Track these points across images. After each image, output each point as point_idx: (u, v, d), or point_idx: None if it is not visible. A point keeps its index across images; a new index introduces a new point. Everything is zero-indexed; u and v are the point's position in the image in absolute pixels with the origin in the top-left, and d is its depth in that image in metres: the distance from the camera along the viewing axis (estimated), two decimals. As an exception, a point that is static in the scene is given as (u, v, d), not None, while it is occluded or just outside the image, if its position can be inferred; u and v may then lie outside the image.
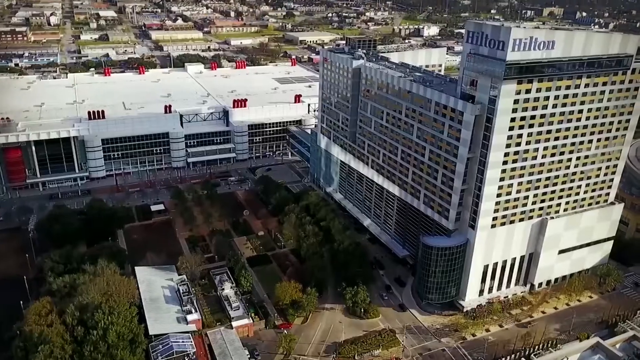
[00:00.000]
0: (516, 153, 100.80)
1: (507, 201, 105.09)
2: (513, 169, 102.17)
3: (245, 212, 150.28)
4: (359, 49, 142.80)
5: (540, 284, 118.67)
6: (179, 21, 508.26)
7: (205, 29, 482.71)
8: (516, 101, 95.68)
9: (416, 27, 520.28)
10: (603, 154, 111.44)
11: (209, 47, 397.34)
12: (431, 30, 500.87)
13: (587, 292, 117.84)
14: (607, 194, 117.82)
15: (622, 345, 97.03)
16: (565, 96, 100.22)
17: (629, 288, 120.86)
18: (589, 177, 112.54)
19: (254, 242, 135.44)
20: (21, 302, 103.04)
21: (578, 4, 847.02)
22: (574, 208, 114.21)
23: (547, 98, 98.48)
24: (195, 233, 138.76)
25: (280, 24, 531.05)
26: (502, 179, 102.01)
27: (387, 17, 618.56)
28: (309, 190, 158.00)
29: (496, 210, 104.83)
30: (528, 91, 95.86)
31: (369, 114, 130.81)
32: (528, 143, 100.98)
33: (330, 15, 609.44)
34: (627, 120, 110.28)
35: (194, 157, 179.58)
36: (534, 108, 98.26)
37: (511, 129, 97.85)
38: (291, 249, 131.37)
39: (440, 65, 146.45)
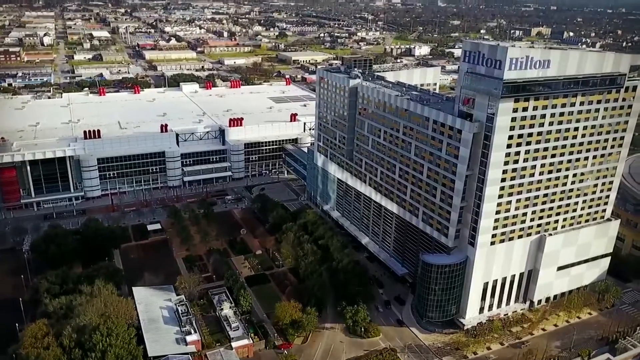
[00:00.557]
0: (514, 170, 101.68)
1: (506, 218, 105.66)
2: (511, 186, 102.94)
3: (242, 231, 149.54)
4: (355, 69, 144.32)
5: (539, 301, 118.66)
6: (173, 41, 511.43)
7: (199, 49, 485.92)
8: (513, 119, 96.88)
9: (407, 46, 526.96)
10: (599, 170, 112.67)
11: (202, 66, 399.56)
12: (422, 50, 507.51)
13: (587, 309, 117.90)
14: (604, 211, 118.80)
15: None
16: (561, 114, 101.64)
17: (627, 304, 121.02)
18: (585, 194, 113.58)
19: (251, 261, 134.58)
20: (17, 324, 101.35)
21: (565, 24, 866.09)
22: (571, 225, 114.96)
23: (543, 116, 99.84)
24: (192, 252, 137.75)
25: (273, 44, 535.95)
26: (500, 196, 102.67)
27: (378, 37, 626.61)
28: (306, 208, 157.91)
29: (495, 227, 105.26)
30: (525, 109, 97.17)
31: (366, 132, 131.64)
32: (526, 160, 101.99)
33: (322, 35, 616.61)
34: (622, 138, 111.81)
35: (190, 176, 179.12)
36: (531, 126, 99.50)
37: (509, 146, 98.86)
38: (289, 267, 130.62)
39: (435, 84, 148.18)
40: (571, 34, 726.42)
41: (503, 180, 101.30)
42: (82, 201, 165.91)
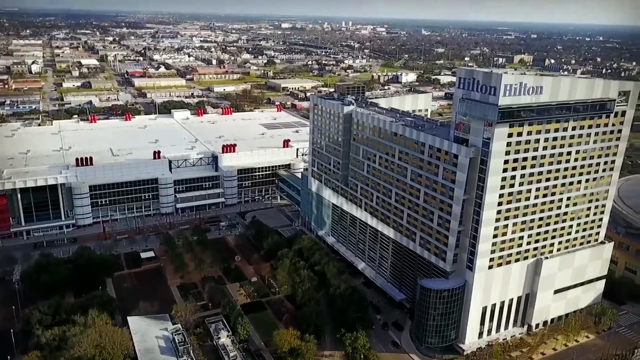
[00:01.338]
0: (510, 194, 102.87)
1: (503, 242, 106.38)
2: (508, 210, 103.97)
3: (237, 258, 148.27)
4: (349, 96, 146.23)
5: (537, 325, 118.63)
6: (162, 69, 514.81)
7: (188, 77, 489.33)
8: (509, 144, 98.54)
9: (394, 74, 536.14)
10: (592, 194, 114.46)
11: (192, 93, 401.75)
12: (409, 77, 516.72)
13: (584, 332, 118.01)
14: (597, 233, 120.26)
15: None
16: (554, 139, 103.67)
17: (624, 327, 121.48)
18: (579, 217, 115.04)
19: (247, 289, 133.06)
20: (8, 357, 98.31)
21: (546, 51, 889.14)
22: (566, 248, 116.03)
23: (537, 140, 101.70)
24: (186, 280, 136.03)
25: (262, 71, 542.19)
26: (497, 220, 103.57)
27: (365, 64, 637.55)
28: (300, 234, 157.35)
29: (493, 251, 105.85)
30: (520, 134, 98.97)
31: (361, 157, 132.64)
32: (521, 184, 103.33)
33: (310, 63, 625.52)
34: (612, 161, 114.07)
35: (183, 203, 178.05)
36: (526, 150, 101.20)
37: (505, 170, 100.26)
38: (286, 294, 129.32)
39: (427, 110, 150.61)
40: (552, 61, 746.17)
41: (500, 204, 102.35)
42: (73, 229, 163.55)
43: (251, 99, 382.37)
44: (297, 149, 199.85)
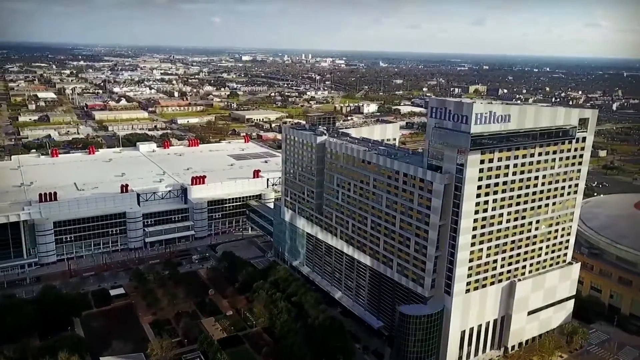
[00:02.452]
0: (484, 219, 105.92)
1: (479, 265, 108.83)
2: (482, 234, 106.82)
3: (210, 292, 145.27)
4: (320, 126, 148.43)
5: (513, 347, 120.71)
6: (123, 101, 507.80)
7: (150, 109, 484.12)
8: (481, 170, 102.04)
9: (356, 104, 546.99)
10: (558, 216, 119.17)
11: (155, 126, 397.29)
12: (370, 108, 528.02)
13: (558, 352, 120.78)
14: (565, 255, 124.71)
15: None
16: (523, 164, 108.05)
17: (594, 345, 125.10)
18: (548, 239, 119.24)
19: (223, 323, 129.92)
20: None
21: (498, 82, 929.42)
22: (537, 269, 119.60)
23: (507, 166, 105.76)
24: (159, 317, 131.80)
25: (225, 103, 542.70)
26: (473, 244, 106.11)
27: (327, 96, 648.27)
28: (274, 265, 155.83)
29: (469, 275, 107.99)
30: (491, 160, 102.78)
31: (335, 186, 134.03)
32: (494, 209, 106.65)
33: (273, 94, 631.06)
34: (576, 185, 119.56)
35: (152, 237, 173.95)
36: (497, 176, 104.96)
37: (478, 195, 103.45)
38: (263, 327, 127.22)
39: (395, 139, 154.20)
40: (505, 90, 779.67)
41: (474, 228, 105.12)
42: (36, 268, 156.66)
43: (216, 130, 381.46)
44: (268, 179, 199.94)
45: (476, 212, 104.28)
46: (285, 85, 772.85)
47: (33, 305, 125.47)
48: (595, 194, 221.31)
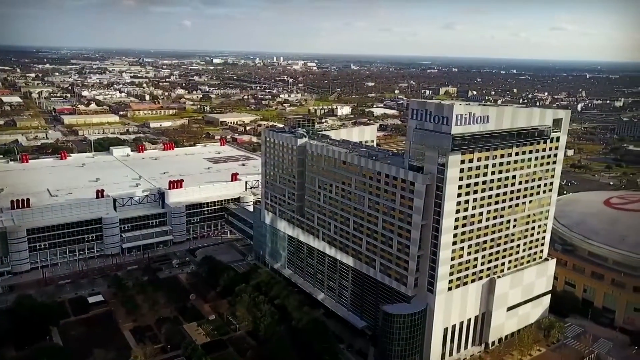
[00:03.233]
0: (465, 218, 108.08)
1: (460, 264, 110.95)
2: (463, 233, 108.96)
3: (191, 297, 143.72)
4: (300, 128, 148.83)
5: (493, 342, 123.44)
6: (93, 105, 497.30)
7: (121, 113, 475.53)
8: (462, 170, 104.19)
9: (329, 107, 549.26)
10: (535, 214, 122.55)
11: (127, 130, 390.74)
12: (344, 110, 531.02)
13: (536, 346, 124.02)
14: (541, 251, 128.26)
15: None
16: (501, 164, 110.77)
17: (570, 338, 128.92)
18: (525, 236, 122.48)
19: (205, 328, 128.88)
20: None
21: (468, 84, 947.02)
22: (516, 266, 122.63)
23: (486, 166, 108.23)
24: (140, 323, 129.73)
25: (198, 106, 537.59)
26: (454, 243, 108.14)
27: (300, 98, 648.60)
28: (255, 268, 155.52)
29: (451, 274, 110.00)
30: (471, 160, 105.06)
31: (317, 188, 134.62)
32: (474, 208, 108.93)
33: (246, 97, 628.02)
34: (551, 183, 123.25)
35: (130, 242, 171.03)
36: (477, 175, 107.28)
37: (459, 195, 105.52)
38: (247, 331, 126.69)
39: (373, 141, 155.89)
40: (474, 92, 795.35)
41: (456, 227, 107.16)
42: (9, 277, 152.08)
43: (190, 133, 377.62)
44: (246, 182, 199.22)
45: (457, 211, 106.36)
46: (258, 88, 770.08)
47: (7, 315, 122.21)
48: (565, 192, 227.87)
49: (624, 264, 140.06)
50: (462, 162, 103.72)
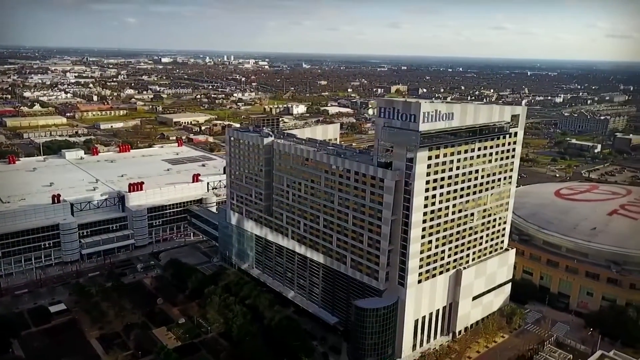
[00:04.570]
0: (432, 212, 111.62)
1: (429, 257, 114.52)
2: (431, 227, 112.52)
3: (159, 301, 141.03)
4: (264, 127, 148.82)
5: (460, 332, 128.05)
6: (37, 107, 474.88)
7: (69, 114, 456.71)
8: (429, 166, 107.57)
9: (284, 106, 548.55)
10: (496, 206, 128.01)
11: (76, 132, 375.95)
12: (299, 109, 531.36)
13: (500, 333, 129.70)
14: (502, 242, 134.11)
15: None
16: (465, 159, 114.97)
17: (530, 324, 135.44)
18: (488, 228, 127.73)
19: (176, 332, 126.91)
20: None
21: (417, 82, 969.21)
22: (479, 257, 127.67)
23: (451, 162, 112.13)
24: (107, 330, 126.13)
25: (150, 106, 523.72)
26: (423, 237, 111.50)
27: (254, 97, 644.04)
28: (223, 270, 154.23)
29: (421, 266, 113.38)
30: (437, 156, 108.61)
31: (285, 187, 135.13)
32: (440, 202, 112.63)
33: (199, 97, 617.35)
34: (510, 177, 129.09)
35: (89, 248, 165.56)
36: (442, 171, 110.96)
37: (427, 190, 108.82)
38: (219, 332, 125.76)
39: (336, 139, 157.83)
40: (424, 90, 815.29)
41: (424, 221, 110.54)
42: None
43: (144, 134, 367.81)
44: (208, 183, 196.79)
45: (425, 206, 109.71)
46: (210, 87, 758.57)
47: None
48: (517, 185, 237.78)
49: (576, 251, 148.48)
50: (430, 158, 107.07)
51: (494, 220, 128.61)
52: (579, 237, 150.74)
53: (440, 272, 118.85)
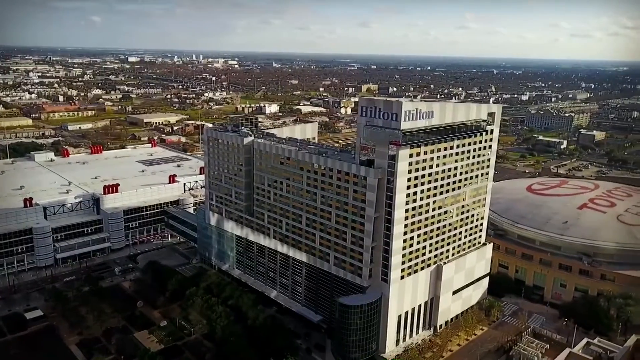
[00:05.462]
0: (414, 209, 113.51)
1: (411, 253, 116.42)
2: (413, 223, 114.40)
3: (139, 304, 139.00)
4: (243, 127, 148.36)
5: (441, 325, 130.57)
6: (0, 108, 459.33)
7: (34, 115, 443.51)
8: (410, 163, 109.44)
9: (257, 105, 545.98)
10: (474, 202, 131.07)
11: (43, 133, 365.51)
12: (272, 108, 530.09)
13: (480, 325, 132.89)
14: (480, 237, 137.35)
15: (584, 350, 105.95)
16: (444, 156, 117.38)
17: (508, 316, 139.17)
18: (466, 224, 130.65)
19: (158, 334, 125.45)
20: None
21: (387, 80, 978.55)
22: (459, 252, 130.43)
23: (431, 159, 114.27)
24: (87, 336, 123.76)
25: (119, 106, 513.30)
26: (405, 233, 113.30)
27: (226, 97, 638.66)
28: (204, 271, 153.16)
29: (403, 263, 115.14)
30: (418, 154, 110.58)
31: (266, 186, 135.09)
32: (421, 199, 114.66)
33: (169, 96, 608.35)
34: (487, 173, 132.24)
35: (64, 252, 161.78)
36: (423, 168, 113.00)
37: (408, 187, 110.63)
38: (202, 334, 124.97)
39: (314, 138, 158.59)
40: (394, 88, 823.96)
41: (406, 218, 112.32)
42: None
43: (114, 135, 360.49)
44: (185, 184, 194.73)
45: (407, 203, 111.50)
46: (180, 87, 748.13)
47: None
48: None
49: (549, 244, 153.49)
50: (411, 155, 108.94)
51: (472, 215, 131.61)
52: (551, 230, 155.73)
53: (422, 268, 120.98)
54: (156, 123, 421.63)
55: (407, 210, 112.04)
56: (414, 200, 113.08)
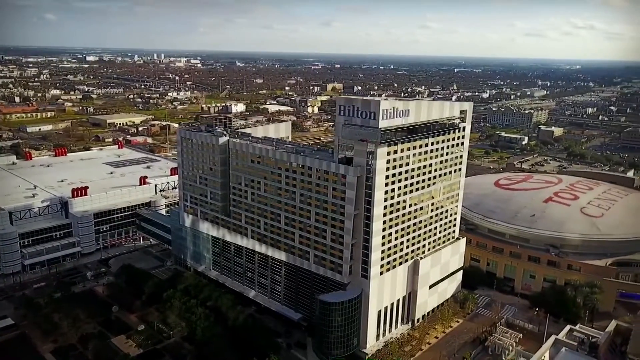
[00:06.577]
0: (392, 205, 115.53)
1: (390, 249, 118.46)
2: (391, 220, 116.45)
3: (114, 309, 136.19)
4: (217, 127, 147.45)
5: (418, 319, 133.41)
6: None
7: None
8: (388, 161, 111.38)
9: (223, 104, 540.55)
10: (448, 197, 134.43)
11: (1, 136, 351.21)
12: (238, 107, 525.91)
13: (455, 318, 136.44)
14: (454, 231, 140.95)
15: (568, 336, 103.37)
16: (420, 153, 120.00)
17: (481, 308, 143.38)
18: (441, 219, 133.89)
19: (136, 339, 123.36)
20: None
21: (352, 79, 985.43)
22: (434, 247, 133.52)
23: (408, 156, 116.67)
24: (61, 343, 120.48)
25: (80, 107, 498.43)
26: (384, 230, 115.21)
27: (190, 96, 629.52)
28: (180, 273, 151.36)
29: (382, 258, 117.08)
30: (395, 152, 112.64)
31: (243, 186, 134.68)
32: (399, 195, 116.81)
33: (131, 96, 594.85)
34: (460, 169, 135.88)
35: (32, 258, 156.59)
36: (400, 165, 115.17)
37: (386, 184, 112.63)
38: (182, 336, 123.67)
39: (288, 137, 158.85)
40: (359, 87, 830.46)
41: (385, 215, 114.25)
42: None
43: (76, 137, 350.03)
44: (156, 185, 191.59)
45: (385, 199, 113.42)
46: (143, 86, 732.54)
47: None
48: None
49: (518, 237, 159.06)
50: (389, 153, 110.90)
51: (447, 211, 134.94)
52: (520, 224, 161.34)
53: (400, 263, 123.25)
54: (120, 124, 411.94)
55: (385, 207, 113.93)
56: (392, 197, 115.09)
